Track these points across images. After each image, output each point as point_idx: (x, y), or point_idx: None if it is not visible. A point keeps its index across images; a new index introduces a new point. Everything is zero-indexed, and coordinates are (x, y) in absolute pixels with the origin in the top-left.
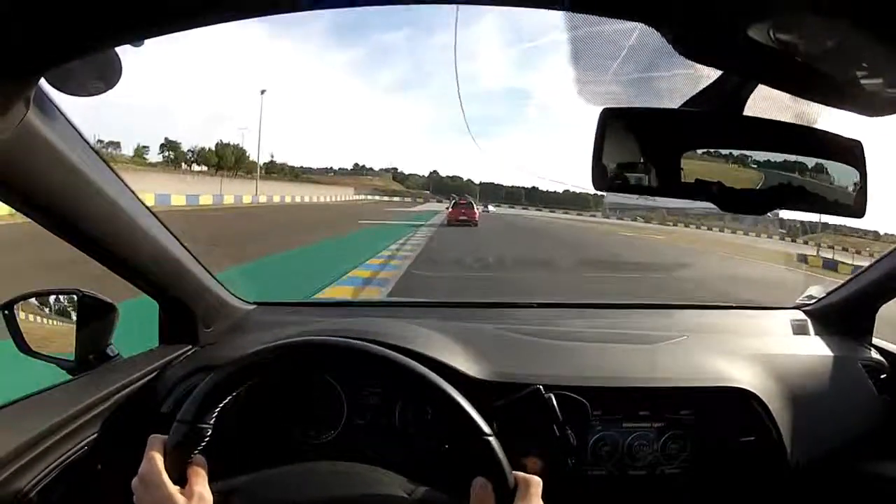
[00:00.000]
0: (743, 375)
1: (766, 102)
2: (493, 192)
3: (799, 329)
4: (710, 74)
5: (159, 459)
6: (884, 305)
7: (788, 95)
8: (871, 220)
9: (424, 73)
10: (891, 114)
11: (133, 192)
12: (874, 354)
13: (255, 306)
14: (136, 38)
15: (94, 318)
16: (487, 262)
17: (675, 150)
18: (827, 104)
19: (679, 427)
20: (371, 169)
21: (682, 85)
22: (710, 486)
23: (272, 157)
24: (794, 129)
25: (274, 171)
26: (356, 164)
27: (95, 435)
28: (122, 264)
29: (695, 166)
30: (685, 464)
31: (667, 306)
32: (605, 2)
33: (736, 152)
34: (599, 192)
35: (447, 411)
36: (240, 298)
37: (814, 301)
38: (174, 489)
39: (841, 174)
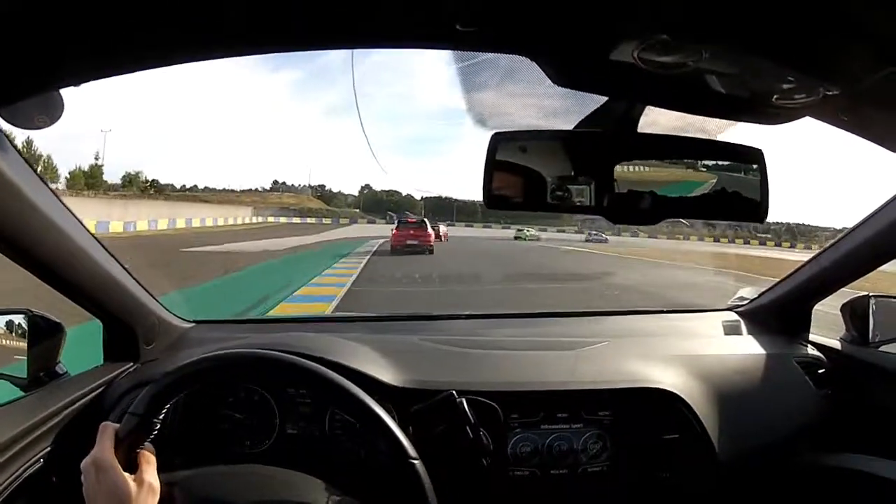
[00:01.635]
0: (663, 376)
1: (665, 117)
2: (442, 208)
3: (731, 330)
4: (599, 97)
5: (110, 446)
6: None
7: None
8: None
9: (361, 93)
10: (786, 122)
11: (74, 216)
12: (811, 351)
13: (193, 324)
14: (99, 78)
15: (45, 337)
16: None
17: (566, 168)
18: (720, 117)
19: (598, 427)
20: (293, 186)
21: (575, 107)
22: (636, 482)
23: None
24: (691, 142)
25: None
26: (275, 182)
27: (50, 448)
28: (65, 285)
29: (586, 182)
30: (607, 462)
31: (595, 313)
32: (486, 40)
33: (629, 168)
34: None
35: (375, 431)
36: (179, 317)
37: (746, 302)
38: (124, 475)
39: (742, 181)
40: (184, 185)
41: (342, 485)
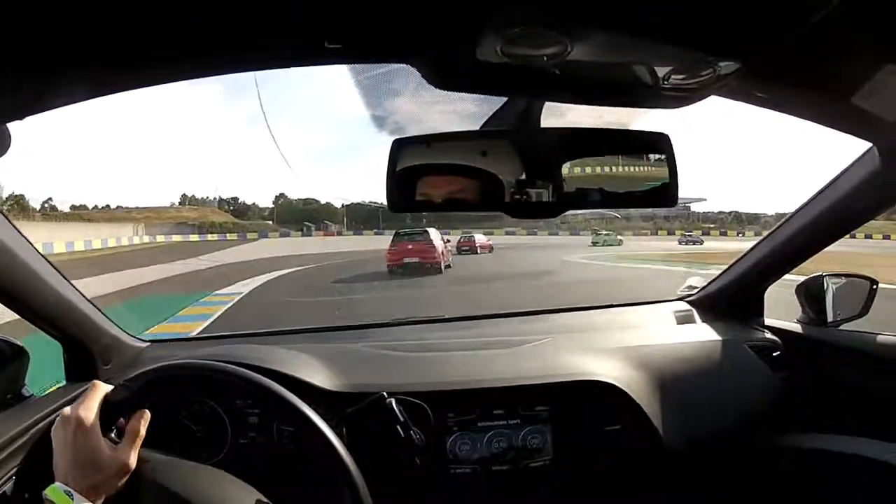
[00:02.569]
0: (602, 368)
1: (573, 111)
2: (366, 215)
3: (682, 319)
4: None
5: (96, 407)
6: None
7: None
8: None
9: (284, 101)
10: (689, 104)
11: (27, 239)
12: (766, 334)
13: (148, 343)
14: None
15: (8, 361)
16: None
17: (471, 168)
18: (619, 105)
19: (537, 423)
20: (203, 199)
21: (476, 109)
22: (582, 475)
23: None
24: (596, 133)
25: None
26: (184, 196)
27: (19, 466)
28: (22, 307)
29: (489, 181)
30: (549, 457)
31: (544, 312)
32: (356, 53)
33: (530, 163)
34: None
35: (306, 430)
36: (134, 336)
37: (696, 291)
38: (102, 441)
39: (651, 167)
40: (74, 205)
41: (292, 491)
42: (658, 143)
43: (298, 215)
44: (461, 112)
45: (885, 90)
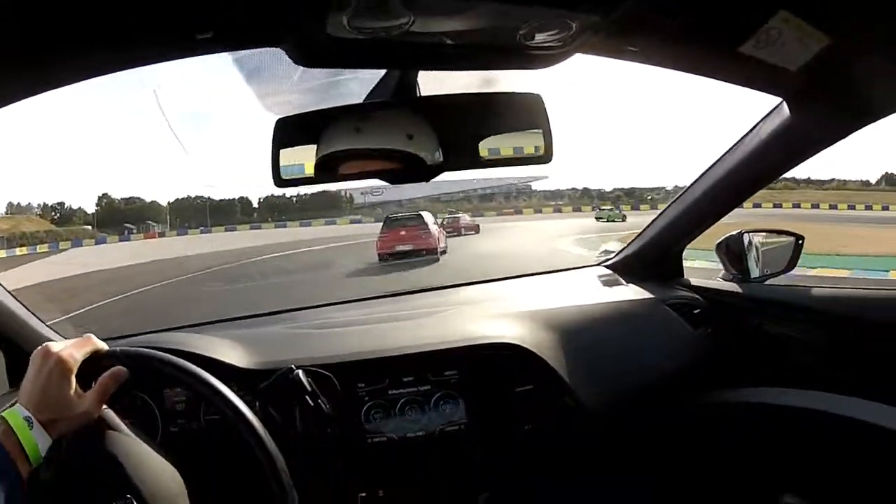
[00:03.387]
0: (510, 331)
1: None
2: (193, 211)
3: (601, 283)
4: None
5: (82, 355)
6: None
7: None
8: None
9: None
10: (557, 62)
11: None
12: (686, 293)
13: None
14: None
15: None
16: None
17: (353, 140)
18: (490, 69)
19: (447, 388)
20: (27, 206)
21: (354, 86)
22: (498, 436)
23: None
24: (473, 98)
25: None
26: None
27: None
28: None
29: (371, 152)
30: (464, 420)
31: (463, 284)
32: (227, 42)
33: (409, 131)
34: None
35: (218, 403)
36: (66, 339)
37: (614, 255)
38: (76, 385)
39: (525, 126)
40: None
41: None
42: (531, 103)
43: (121, 217)
44: (343, 89)
45: (781, 38)
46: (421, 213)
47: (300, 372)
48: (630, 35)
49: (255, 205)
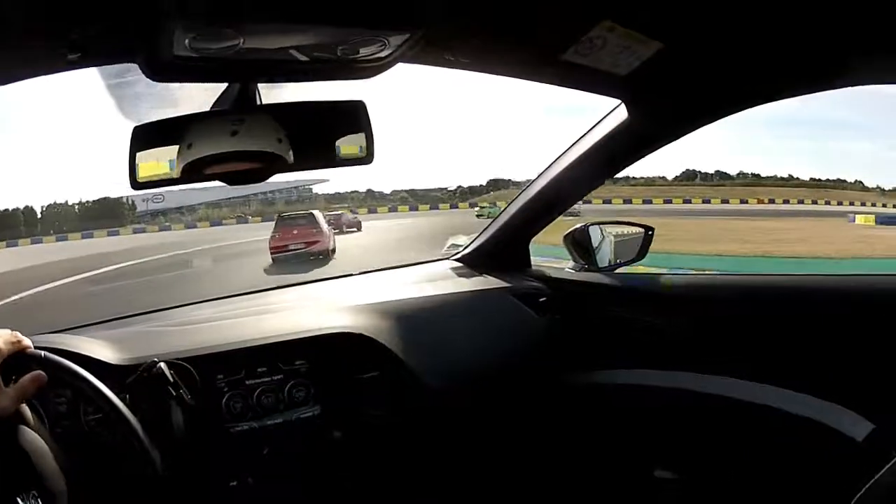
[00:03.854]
0: (353, 321)
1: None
2: None
3: (447, 275)
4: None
5: (6, 350)
6: None
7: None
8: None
9: None
10: (380, 72)
11: None
12: (532, 283)
13: None
14: None
15: None
16: None
17: (200, 146)
18: (320, 80)
19: (299, 376)
20: None
21: (199, 94)
22: (351, 420)
23: None
24: (305, 106)
25: None
26: None
27: None
28: None
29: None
30: (316, 407)
31: (307, 282)
32: (90, 60)
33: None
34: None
35: (88, 394)
36: None
37: (462, 248)
38: None
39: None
40: None
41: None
42: (355, 110)
43: None
44: (191, 98)
45: (607, 46)
46: (312, 212)
47: (162, 364)
48: (450, 46)
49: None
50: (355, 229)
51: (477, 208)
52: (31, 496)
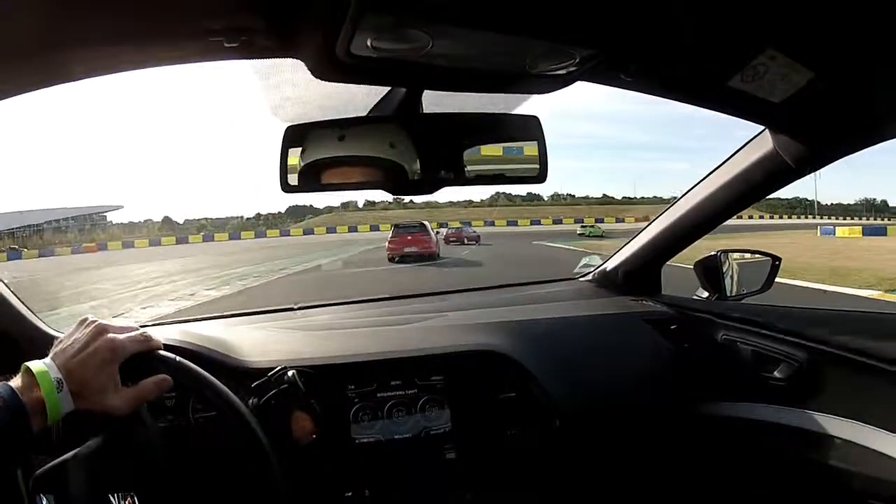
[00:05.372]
0: (495, 340)
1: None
2: None
3: (579, 295)
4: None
5: (135, 348)
6: None
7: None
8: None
9: None
10: (558, 88)
11: None
12: (663, 308)
13: None
14: None
15: None
16: None
17: (357, 150)
18: (495, 92)
19: (434, 392)
20: None
21: (362, 98)
22: (484, 440)
23: None
24: (475, 117)
25: None
26: None
27: None
28: None
29: (374, 162)
30: (448, 424)
31: (446, 292)
32: (251, 50)
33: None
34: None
35: (209, 398)
36: (57, 330)
37: (594, 269)
38: (116, 372)
39: (523, 146)
40: None
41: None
42: (529, 125)
43: None
44: (350, 101)
45: (768, 74)
46: (423, 222)
47: (293, 373)
48: (626, 66)
49: None
50: (475, 243)
51: (579, 227)
52: (130, 496)
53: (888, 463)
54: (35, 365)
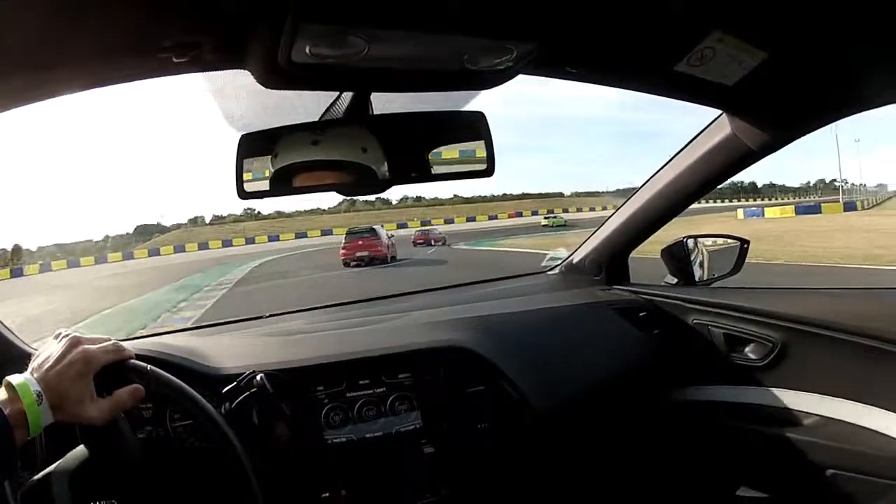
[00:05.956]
0: (459, 335)
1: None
2: None
3: (547, 287)
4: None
5: (108, 359)
6: None
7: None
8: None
9: None
10: (500, 83)
11: None
12: (633, 297)
13: None
14: None
15: None
16: None
17: (310, 154)
18: (438, 90)
19: (402, 389)
20: None
21: (311, 104)
22: (457, 434)
23: None
24: (421, 116)
25: None
26: None
27: None
28: None
29: (327, 165)
30: (418, 421)
31: (410, 293)
32: (199, 64)
33: (362, 145)
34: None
35: (186, 407)
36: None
37: (560, 262)
38: (90, 382)
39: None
40: None
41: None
42: (475, 121)
43: None
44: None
45: (716, 56)
46: (374, 227)
47: (262, 376)
48: (568, 57)
49: None
50: (440, 244)
51: (543, 219)
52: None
53: (864, 434)
54: (15, 379)
